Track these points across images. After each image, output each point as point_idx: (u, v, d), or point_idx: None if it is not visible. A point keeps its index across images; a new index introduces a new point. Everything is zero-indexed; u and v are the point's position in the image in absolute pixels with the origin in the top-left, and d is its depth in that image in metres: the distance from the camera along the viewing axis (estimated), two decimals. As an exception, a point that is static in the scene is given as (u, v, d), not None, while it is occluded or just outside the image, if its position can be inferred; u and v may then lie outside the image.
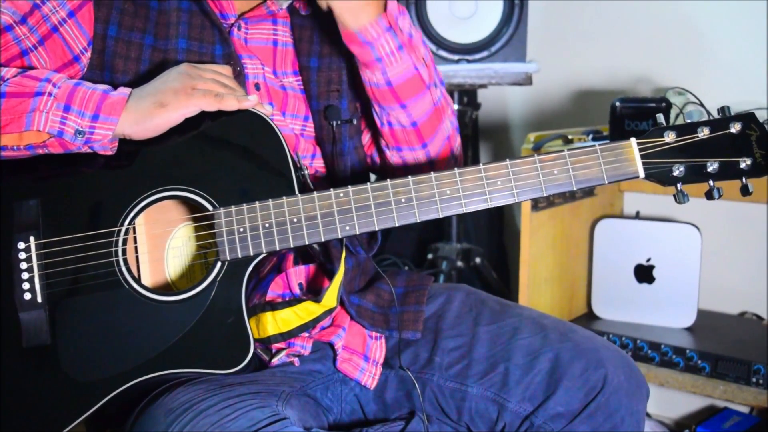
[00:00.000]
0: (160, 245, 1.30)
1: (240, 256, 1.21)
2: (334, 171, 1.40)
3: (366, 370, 1.38)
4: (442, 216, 1.21)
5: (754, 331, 2.15)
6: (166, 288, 1.30)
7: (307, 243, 1.21)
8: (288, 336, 1.27)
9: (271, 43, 1.39)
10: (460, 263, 2.45)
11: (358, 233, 1.20)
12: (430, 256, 2.51)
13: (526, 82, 2.27)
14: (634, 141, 1.19)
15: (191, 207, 1.30)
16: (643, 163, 1.19)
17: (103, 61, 1.28)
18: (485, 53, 2.30)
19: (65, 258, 1.23)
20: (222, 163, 1.23)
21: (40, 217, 1.24)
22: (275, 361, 1.30)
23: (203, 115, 1.21)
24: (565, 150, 1.20)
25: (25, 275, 1.23)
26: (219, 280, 1.21)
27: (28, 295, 1.22)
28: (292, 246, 1.21)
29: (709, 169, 1.17)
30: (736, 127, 1.17)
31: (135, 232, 1.28)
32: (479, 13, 2.31)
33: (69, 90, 1.19)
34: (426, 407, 1.39)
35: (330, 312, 1.31)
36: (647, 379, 1.43)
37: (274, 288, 1.33)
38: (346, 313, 1.40)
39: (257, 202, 1.21)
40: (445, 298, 1.46)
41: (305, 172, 1.25)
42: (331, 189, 1.21)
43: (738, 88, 2.26)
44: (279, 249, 1.21)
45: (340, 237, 1.21)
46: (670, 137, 1.18)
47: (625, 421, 1.30)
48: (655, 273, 2.14)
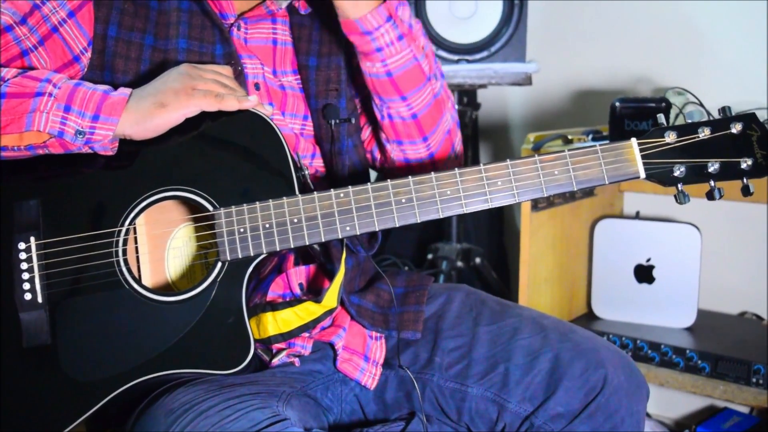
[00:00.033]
0: (160, 245, 1.30)
1: (240, 257, 1.20)
2: (332, 170, 1.40)
3: (366, 371, 1.38)
4: (442, 216, 1.21)
5: (754, 331, 2.14)
6: (167, 288, 1.30)
7: (308, 243, 1.21)
8: (288, 336, 1.27)
9: (271, 43, 1.39)
10: (460, 263, 2.45)
11: (359, 233, 1.20)
12: (430, 256, 2.50)
13: (525, 83, 2.26)
14: (634, 141, 1.19)
15: (192, 207, 1.29)
16: (644, 164, 1.18)
17: (103, 61, 1.28)
18: (485, 53, 2.30)
19: (66, 258, 1.23)
20: (222, 163, 1.23)
21: (40, 218, 1.24)
22: (276, 361, 1.30)
23: (204, 116, 1.21)
24: (565, 150, 1.20)
25: (26, 275, 1.23)
26: (219, 280, 1.21)
27: (28, 296, 1.22)
28: (293, 246, 1.21)
29: (710, 169, 1.17)
30: (737, 128, 1.17)
31: (135, 233, 1.28)
32: (479, 13, 2.31)
33: (69, 90, 1.19)
34: (426, 407, 1.39)
35: (330, 312, 1.31)
36: (647, 379, 1.43)
37: (275, 288, 1.33)
38: (346, 314, 1.40)
39: (257, 203, 1.21)
40: (445, 298, 1.46)
41: (305, 172, 1.25)
42: (332, 189, 1.21)
43: (738, 88, 2.26)
44: (279, 249, 1.21)
45: (341, 237, 1.21)
46: (671, 137, 1.18)
47: (625, 422, 1.30)
48: (655, 273, 2.14)
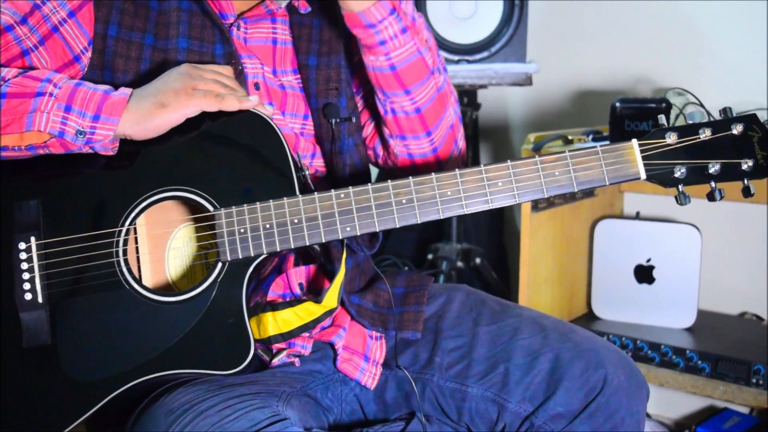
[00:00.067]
0: (160, 246, 1.30)
1: (240, 257, 1.20)
2: (333, 169, 1.40)
3: (366, 371, 1.38)
4: (443, 217, 1.20)
5: (754, 331, 2.15)
6: (167, 288, 1.30)
7: (308, 244, 1.20)
8: (288, 336, 1.27)
9: (271, 42, 1.39)
10: (460, 263, 2.45)
11: (359, 234, 1.20)
12: (430, 257, 2.50)
13: (526, 83, 2.26)
14: (635, 142, 1.19)
15: (192, 207, 1.29)
16: (645, 165, 1.18)
17: (103, 61, 1.28)
18: (485, 54, 2.30)
19: (66, 258, 1.23)
20: (223, 163, 1.23)
21: (40, 218, 1.24)
22: (276, 361, 1.30)
23: (204, 116, 1.21)
24: (566, 151, 1.20)
25: (26, 275, 1.23)
26: (220, 280, 1.21)
27: (28, 296, 1.22)
28: (293, 247, 1.21)
29: (711, 170, 1.17)
30: (737, 129, 1.17)
31: (136, 233, 1.28)
32: (479, 13, 2.31)
33: (70, 90, 1.19)
34: (426, 407, 1.39)
35: (330, 312, 1.31)
36: (647, 380, 1.43)
37: (275, 288, 1.33)
38: (346, 314, 1.40)
39: (258, 203, 1.21)
40: (445, 298, 1.46)
41: (306, 172, 1.25)
42: (332, 190, 1.21)
43: (738, 88, 2.26)
44: (280, 250, 1.21)
45: (341, 238, 1.21)
46: (672, 138, 1.18)
47: (625, 422, 1.30)
48: (655, 273, 2.14)
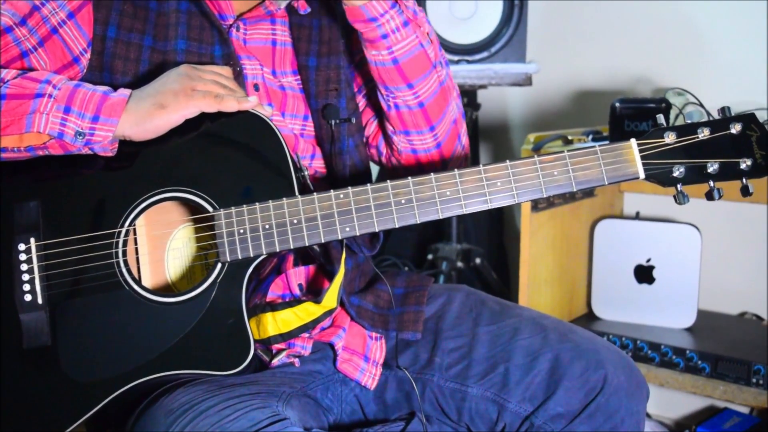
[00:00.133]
0: (160, 246, 1.30)
1: (240, 258, 1.21)
2: (333, 170, 1.40)
3: (366, 371, 1.38)
4: (442, 217, 1.20)
5: (754, 331, 2.14)
6: (167, 289, 1.30)
7: (307, 244, 1.21)
8: (288, 337, 1.27)
9: (270, 43, 1.39)
10: (460, 264, 2.45)
11: (358, 234, 1.20)
12: (430, 257, 2.50)
13: (525, 83, 2.27)
14: (634, 142, 1.19)
15: (191, 208, 1.29)
16: (643, 164, 1.18)
17: (102, 63, 1.28)
18: (485, 54, 2.30)
19: (66, 259, 1.23)
20: (222, 164, 1.23)
21: (40, 219, 1.24)
22: (275, 361, 1.30)
23: (203, 117, 1.21)
24: (565, 151, 1.20)
25: (26, 276, 1.23)
26: (219, 281, 1.21)
27: (28, 297, 1.22)
28: (292, 247, 1.21)
29: (710, 169, 1.17)
30: (736, 128, 1.17)
31: (135, 234, 1.28)
32: (479, 13, 2.31)
33: (69, 91, 1.19)
34: (426, 408, 1.39)
35: (330, 313, 1.31)
36: (647, 380, 1.43)
37: (274, 289, 1.33)
38: (346, 314, 1.40)
39: (257, 204, 1.21)
40: (445, 298, 1.46)
41: (305, 173, 1.25)
42: (331, 190, 1.21)
43: (738, 88, 2.26)
44: (279, 250, 1.21)
45: (340, 238, 1.21)
46: (671, 138, 1.18)
47: (625, 422, 1.30)
48: (655, 273, 2.14)
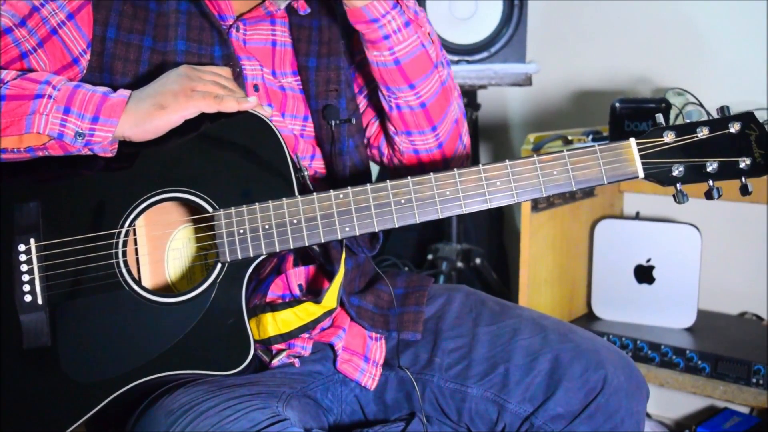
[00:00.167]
0: (160, 247, 1.30)
1: (240, 258, 1.21)
2: (333, 171, 1.40)
3: (366, 371, 1.38)
4: (441, 217, 1.21)
5: (754, 331, 2.14)
6: (167, 289, 1.30)
7: (307, 244, 1.21)
8: (288, 337, 1.27)
9: (270, 44, 1.39)
10: (460, 264, 2.45)
11: (358, 234, 1.20)
12: (430, 257, 2.51)
13: (525, 83, 2.27)
14: (633, 141, 1.19)
15: (191, 208, 1.29)
16: (643, 164, 1.19)
17: (102, 63, 1.29)
18: (485, 54, 2.30)
19: (66, 260, 1.23)
20: (222, 164, 1.24)
21: (40, 219, 1.24)
22: (275, 362, 1.30)
23: (203, 117, 1.21)
24: (564, 150, 1.20)
25: (26, 277, 1.23)
26: (219, 281, 1.21)
27: (28, 297, 1.22)
28: (292, 247, 1.21)
29: (709, 169, 1.17)
30: (735, 127, 1.17)
31: (135, 234, 1.28)
32: (479, 13, 2.31)
33: (69, 92, 1.20)
34: (426, 408, 1.39)
35: (330, 313, 1.31)
36: (647, 380, 1.43)
37: (274, 289, 1.33)
38: (346, 314, 1.40)
39: (257, 204, 1.21)
40: (444, 299, 1.46)
41: (305, 173, 1.25)
42: (331, 190, 1.21)
43: (738, 88, 2.26)
44: (279, 250, 1.21)
45: (340, 238, 1.21)
46: (670, 137, 1.18)
47: (625, 422, 1.30)
48: (655, 273, 2.14)
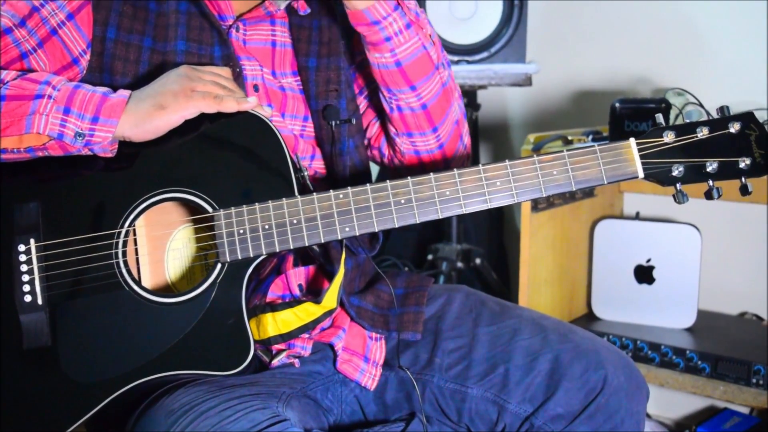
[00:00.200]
0: (160, 247, 1.30)
1: (240, 258, 1.21)
2: (333, 171, 1.40)
3: (366, 371, 1.38)
4: (441, 217, 1.21)
5: (754, 331, 2.14)
6: (167, 290, 1.30)
7: (307, 244, 1.21)
8: (288, 337, 1.27)
9: (270, 44, 1.39)
10: (460, 264, 2.45)
11: (358, 234, 1.20)
12: (430, 257, 2.50)
13: (525, 83, 2.27)
14: (633, 141, 1.19)
15: (191, 209, 1.29)
16: (643, 164, 1.19)
17: (102, 64, 1.29)
18: (485, 54, 2.30)
19: (65, 260, 1.23)
20: (222, 164, 1.24)
21: (40, 220, 1.24)
22: (275, 362, 1.30)
23: (203, 117, 1.21)
24: (564, 150, 1.20)
25: (26, 277, 1.23)
26: (219, 281, 1.21)
27: (28, 298, 1.22)
28: (292, 247, 1.21)
29: (709, 169, 1.17)
30: (735, 127, 1.17)
31: (135, 234, 1.28)
32: (479, 13, 2.31)
33: (69, 92, 1.20)
34: (426, 408, 1.39)
35: (330, 313, 1.31)
36: (647, 380, 1.43)
37: (274, 289, 1.33)
38: (346, 315, 1.40)
39: (257, 204, 1.21)
40: (444, 299, 1.46)
41: (305, 173, 1.25)
42: (331, 190, 1.21)
43: (738, 89, 2.26)
44: (279, 250, 1.21)
45: (340, 238, 1.21)
46: (669, 137, 1.18)
47: (625, 422, 1.30)
48: (655, 274, 2.14)
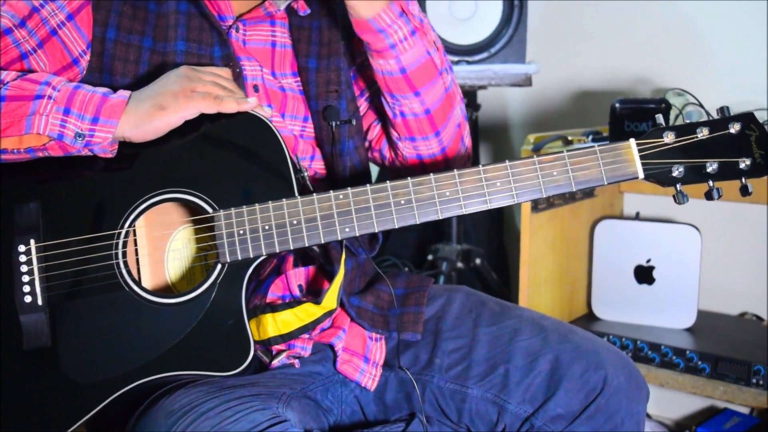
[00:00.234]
0: (160, 247, 1.30)
1: (240, 258, 1.21)
2: (333, 172, 1.40)
3: (366, 372, 1.38)
4: (441, 217, 1.21)
5: (754, 331, 2.14)
6: (167, 290, 1.30)
7: (307, 245, 1.21)
8: (288, 337, 1.27)
9: (270, 45, 1.39)
10: (460, 264, 2.45)
11: (358, 235, 1.20)
12: (430, 257, 2.50)
13: (525, 84, 2.27)
14: (633, 142, 1.19)
15: (191, 209, 1.29)
16: (643, 164, 1.18)
17: (102, 64, 1.29)
18: (485, 54, 2.30)
19: (66, 261, 1.23)
20: (222, 165, 1.23)
21: (40, 220, 1.24)
22: (275, 362, 1.30)
23: (203, 118, 1.21)
24: (564, 151, 1.20)
25: (26, 278, 1.23)
26: (219, 282, 1.21)
27: (28, 298, 1.22)
28: (292, 248, 1.21)
29: (709, 169, 1.17)
30: (735, 128, 1.17)
31: (135, 235, 1.28)
32: (479, 14, 2.31)
33: (69, 93, 1.20)
34: (426, 409, 1.39)
35: (330, 313, 1.31)
36: (647, 380, 1.43)
37: (274, 290, 1.33)
38: (346, 315, 1.40)
39: (257, 205, 1.21)
40: (444, 299, 1.46)
41: (305, 174, 1.25)
42: (331, 191, 1.21)
43: (738, 89, 2.26)
44: (279, 251, 1.21)
45: (340, 239, 1.21)
46: (670, 138, 1.18)
47: (625, 423, 1.30)
48: (655, 274, 2.14)
